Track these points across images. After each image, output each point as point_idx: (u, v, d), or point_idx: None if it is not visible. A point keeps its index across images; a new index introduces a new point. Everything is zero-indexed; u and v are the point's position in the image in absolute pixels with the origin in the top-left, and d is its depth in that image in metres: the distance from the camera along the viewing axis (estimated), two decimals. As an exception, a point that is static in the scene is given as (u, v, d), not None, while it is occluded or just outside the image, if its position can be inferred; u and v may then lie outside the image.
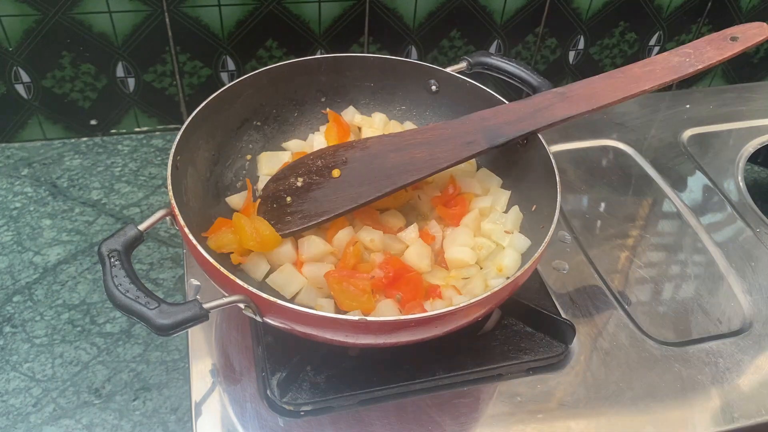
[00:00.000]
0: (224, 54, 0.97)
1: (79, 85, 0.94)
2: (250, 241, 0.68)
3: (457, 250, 0.72)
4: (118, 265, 0.58)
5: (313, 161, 0.75)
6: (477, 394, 0.70)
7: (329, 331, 0.59)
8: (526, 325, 0.74)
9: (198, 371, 0.70)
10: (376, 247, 0.71)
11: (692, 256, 0.89)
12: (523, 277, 0.63)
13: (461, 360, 0.70)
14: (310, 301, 0.68)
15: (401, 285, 0.68)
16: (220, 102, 0.75)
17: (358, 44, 1.01)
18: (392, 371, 0.68)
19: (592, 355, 0.74)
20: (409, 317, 0.56)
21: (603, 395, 0.71)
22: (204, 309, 0.56)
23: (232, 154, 0.81)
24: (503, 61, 0.82)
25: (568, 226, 0.90)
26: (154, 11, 0.89)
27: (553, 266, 0.84)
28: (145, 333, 0.74)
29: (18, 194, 0.90)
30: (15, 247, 0.83)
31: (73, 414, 0.67)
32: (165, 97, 0.99)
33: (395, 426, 0.66)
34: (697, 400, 0.71)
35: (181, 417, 0.67)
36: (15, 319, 0.75)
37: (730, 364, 0.75)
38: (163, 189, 0.93)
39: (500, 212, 0.77)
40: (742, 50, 0.72)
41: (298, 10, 0.94)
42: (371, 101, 0.87)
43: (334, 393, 0.66)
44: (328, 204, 0.71)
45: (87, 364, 0.71)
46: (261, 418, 0.66)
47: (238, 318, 0.74)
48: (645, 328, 0.78)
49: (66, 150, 0.98)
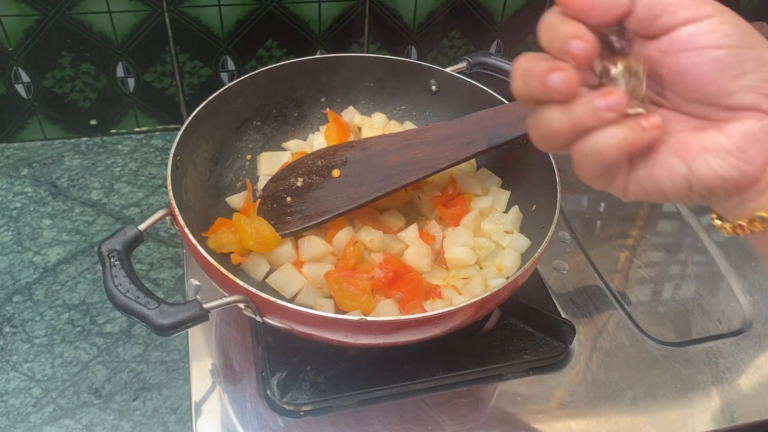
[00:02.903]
0: (224, 54, 0.97)
1: (79, 85, 0.94)
2: (250, 241, 0.68)
3: (457, 250, 0.72)
4: (118, 265, 0.58)
5: (313, 161, 0.75)
6: (477, 394, 0.70)
7: (329, 331, 0.59)
8: (526, 325, 0.74)
9: (198, 371, 0.70)
10: (376, 247, 0.71)
11: (692, 256, 0.89)
12: (523, 277, 0.63)
13: (461, 360, 0.70)
14: (310, 301, 0.68)
15: (401, 285, 0.68)
16: (220, 102, 0.75)
17: (358, 44, 1.01)
18: (392, 371, 0.68)
19: (592, 355, 0.74)
20: (409, 317, 0.56)
21: (603, 395, 0.71)
22: (204, 309, 0.56)
23: (232, 154, 0.81)
24: (503, 61, 0.82)
25: (568, 226, 0.90)
26: (154, 11, 0.89)
27: (553, 266, 0.84)
28: (145, 333, 0.74)
29: (18, 194, 0.90)
30: (15, 247, 0.83)
31: (73, 414, 0.67)
32: (165, 97, 0.99)
33: (395, 426, 0.66)
34: (697, 400, 0.71)
35: (181, 417, 0.67)
36: (15, 319, 0.75)
37: (730, 364, 0.75)
38: (163, 189, 0.93)
39: (500, 212, 0.77)
40: (742, 50, 0.72)
41: (298, 10, 0.94)
42: (371, 101, 0.87)
43: (334, 393, 0.66)
44: (328, 204, 0.71)
45: (87, 364, 0.71)
46: (261, 418, 0.66)
47: (238, 318, 0.74)
48: (645, 328, 0.78)
49: (66, 150, 0.98)
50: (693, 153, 0.40)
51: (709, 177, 0.40)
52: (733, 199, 0.42)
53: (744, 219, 0.42)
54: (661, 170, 0.42)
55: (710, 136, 0.40)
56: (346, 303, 0.66)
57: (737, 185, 0.40)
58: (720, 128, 0.40)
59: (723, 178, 0.40)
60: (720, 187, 0.41)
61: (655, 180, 0.42)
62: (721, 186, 0.41)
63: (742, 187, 0.41)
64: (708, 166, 0.40)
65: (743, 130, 0.39)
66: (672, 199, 0.43)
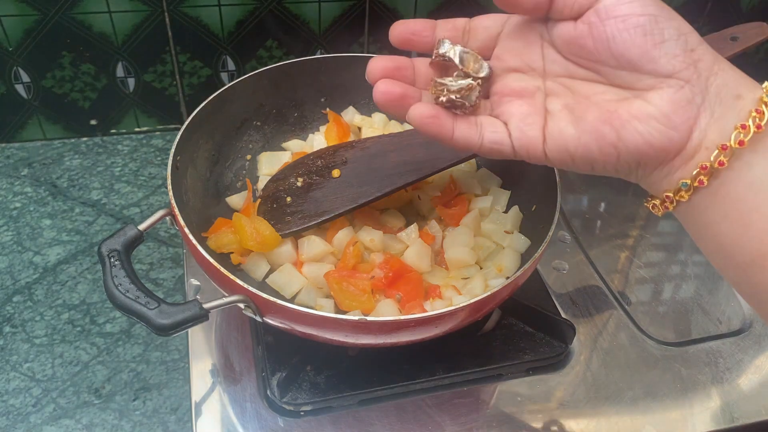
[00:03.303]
0: (224, 54, 0.97)
1: (79, 85, 0.94)
2: (250, 241, 0.68)
3: (457, 250, 0.72)
4: (118, 265, 0.58)
5: (313, 161, 0.75)
6: (477, 394, 0.70)
7: (329, 331, 0.59)
8: (526, 325, 0.74)
9: (198, 371, 0.70)
10: (376, 247, 0.71)
11: (692, 256, 0.89)
12: (523, 277, 0.63)
13: (461, 360, 0.70)
14: (310, 301, 0.68)
15: (401, 285, 0.68)
16: (220, 102, 0.75)
17: (358, 44, 1.01)
18: (392, 371, 0.68)
19: (592, 355, 0.74)
20: (409, 317, 0.56)
21: (603, 395, 0.71)
22: (204, 309, 0.56)
23: (232, 154, 0.81)
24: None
25: (568, 226, 0.90)
26: (154, 11, 0.89)
27: (553, 266, 0.84)
28: (145, 333, 0.74)
29: (18, 194, 0.90)
30: (15, 247, 0.83)
31: (73, 414, 0.67)
32: (165, 97, 0.99)
33: (395, 426, 0.66)
34: (697, 400, 0.71)
35: (181, 417, 0.67)
36: (15, 319, 0.75)
37: (730, 364, 0.75)
38: (163, 189, 0.93)
39: (500, 212, 0.77)
40: (742, 50, 0.72)
41: (298, 10, 0.94)
42: (371, 101, 0.86)
43: (334, 393, 0.66)
44: (328, 204, 0.71)
45: (87, 364, 0.71)
46: (261, 418, 0.66)
47: (238, 318, 0.74)
48: (645, 328, 0.78)
49: (66, 150, 0.98)
50: (622, 121, 0.42)
51: (638, 143, 0.42)
52: (660, 170, 0.44)
53: (671, 190, 0.44)
54: (590, 137, 0.44)
55: (637, 104, 0.42)
56: (346, 303, 0.66)
57: (665, 151, 0.42)
58: (645, 97, 0.42)
59: (651, 144, 0.42)
60: (649, 155, 0.43)
61: (582, 146, 0.44)
62: (650, 153, 0.42)
63: (670, 153, 0.42)
64: (637, 133, 0.42)
65: (667, 97, 0.42)
66: (599, 168, 0.45)
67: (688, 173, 0.42)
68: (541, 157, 0.46)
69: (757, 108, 0.41)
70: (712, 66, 0.42)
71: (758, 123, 0.40)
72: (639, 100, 0.42)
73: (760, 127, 0.40)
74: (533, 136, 0.45)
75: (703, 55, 0.42)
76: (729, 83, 0.42)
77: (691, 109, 0.41)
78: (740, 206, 0.41)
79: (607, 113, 0.43)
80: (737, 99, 0.41)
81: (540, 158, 0.46)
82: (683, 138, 0.42)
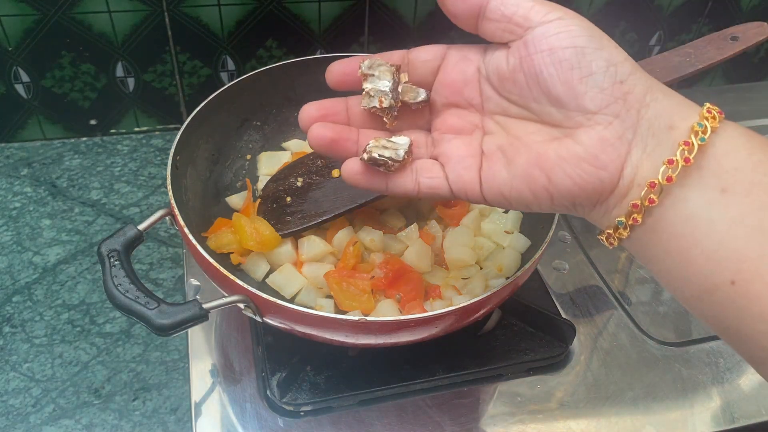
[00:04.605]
0: (224, 54, 0.96)
1: (78, 85, 0.94)
2: (250, 241, 0.68)
3: (457, 250, 0.72)
4: (118, 265, 0.58)
5: (313, 161, 0.75)
6: (477, 394, 0.70)
7: (329, 331, 0.59)
8: (527, 325, 0.74)
9: (198, 371, 0.70)
10: (376, 247, 0.71)
11: (692, 256, 0.89)
12: (523, 277, 0.63)
13: (461, 360, 0.70)
14: (310, 301, 0.68)
15: (401, 285, 0.68)
16: (220, 102, 0.75)
17: (358, 44, 1.01)
18: (392, 371, 0.68)
19: (592, 355, 0.74)
20: (409, 317, 0.56)
21: (603, 395, 0.71)
22: (204, 309, 0.56)
23: (232, 154, 0.81)
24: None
25: (568, 226, 0.90)
26: (153, 11, 0.89)
27: (553, 266, 0.84)
28: (144, 333, 0.74)
29: (18, 194, 0.90)
30: (14, 247, 0.83)
31: (73, 414, 0.67)
32: (165, 97, 0.99)
33: (395, 426, 0.66)
34: (697, 400, 0.71)
35: (181, 417, 0.67)
36: (15, 319, 0.75)
37: (730, 364, 0.75)
38: (162, 189, 0.92)
39: (500, 212, 0.77)
40: (742, 50, 0.72)
41: (298, 10, 0.94)
42: (371, 101, 0.87)
43: (334, 393, 0.66)
44: (328, 204, 0.71)
45: (87, 364, 0.71)
46: (261, 418, 0.66)
47: (238, 318, 0.74)
48: (645, 328, 0.78)
49: (66, 150, 0.98)
50: (551, 163, 0.41)
51: (569, 186, 0.41)
52: (598, 208, 0.42)
53: (611, 227, 0.42)
54: (521, 181, 0.42)
55: (565, 145, 0.41)
56: (346, 303, 0.66)
57: (597, 192, 0.41)
58: (573, 136, 0.41)
59: (581, 187, 0.41)
60: (582, 197, 0.41)
61: (515, 190, 0.43)
62: (582, 194, 0.41)
63: (602, 193, 0.41)
64: (566, 176, 0.41)
65: (595, 135, 0.40)
66: (535, 209, 0.44)
67: (623, 211, 0.41)
68: (479, 199, 0.45)
69: (686, 140, 0.38)
70: (643, 97, 0.40)
71: (686, 156, 0.38)
72: (568, 139, 0.41)
73: (689, 161, 0.38)
74: (469, 180, 0.44)
75: (633, 87, 0.40)
76: (661, 114, 0.39)
77: (621, 146, 0.39)
78: (680, 242, 0.39)
79: (536, 156, 0.42)
80: (670, 130, 0.39)
81: (478, 200, 0.45)
82: (614, 177, 0.40)
